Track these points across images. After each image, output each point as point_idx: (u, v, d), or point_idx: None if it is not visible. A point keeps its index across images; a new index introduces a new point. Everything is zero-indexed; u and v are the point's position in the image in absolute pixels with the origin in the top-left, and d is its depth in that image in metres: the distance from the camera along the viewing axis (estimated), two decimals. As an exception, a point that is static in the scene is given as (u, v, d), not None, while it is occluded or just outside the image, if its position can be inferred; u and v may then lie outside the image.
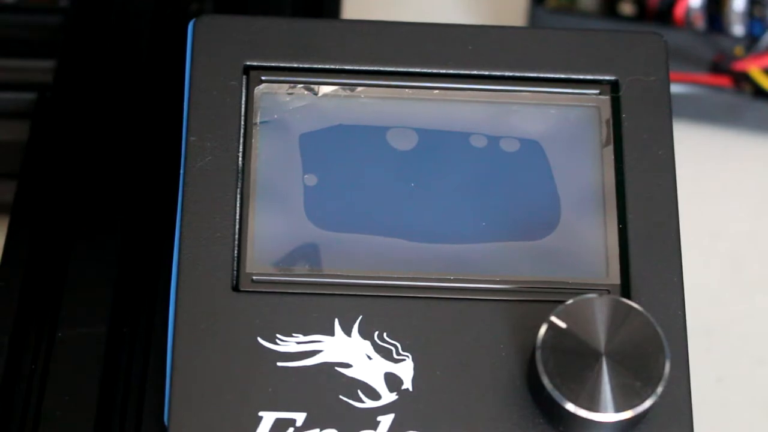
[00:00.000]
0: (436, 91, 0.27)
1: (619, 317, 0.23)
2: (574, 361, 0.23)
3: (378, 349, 0.24)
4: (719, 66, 0.36)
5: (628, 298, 0.24)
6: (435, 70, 0.27)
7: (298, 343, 0.24)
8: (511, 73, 0.27)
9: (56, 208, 0.29)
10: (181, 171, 0.26)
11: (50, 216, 0.29)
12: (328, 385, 0.23)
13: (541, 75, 0.27)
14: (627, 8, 0.39)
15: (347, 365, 0.23)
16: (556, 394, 0.22)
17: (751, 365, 0.33)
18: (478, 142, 0.27)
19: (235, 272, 0.24)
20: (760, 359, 0.33)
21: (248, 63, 0.26)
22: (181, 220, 0.25)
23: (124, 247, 0.29)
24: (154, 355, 0.28)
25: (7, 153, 0.32)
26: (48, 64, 0.32)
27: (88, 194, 0.30)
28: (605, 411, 0.23)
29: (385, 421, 0.23)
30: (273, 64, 0.27)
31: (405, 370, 0.23)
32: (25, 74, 0.32)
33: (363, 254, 0.25)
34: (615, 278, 0.25)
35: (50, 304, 0.28)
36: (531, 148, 0.27)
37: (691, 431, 0.24)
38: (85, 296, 0.28)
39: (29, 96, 0.31)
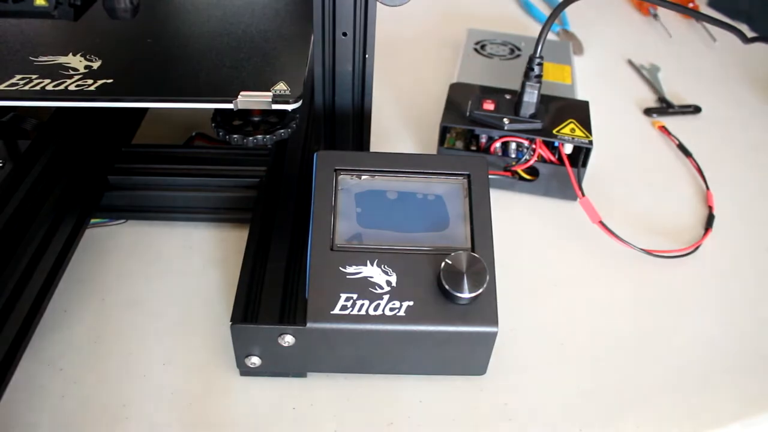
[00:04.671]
0: (404, 176, 0.41)
1: (471, 260, 0.36)
2: (457, 276, 0.36)
3: (384, 271, 0.37)
4: (507, 168, 0.54)
5: (474, 252, 0.37)
6: (402, 170, 0.40)
7: (354, 270, 0.37)
8: (428, 171, 0.41)
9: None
10: (312, 203, 0.39)
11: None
12: (365, 284, 0.36)
13: (441, 171, 0.41)
14: (476, 147, 0.53)
15: (372, 277, 0.37)
16: (448, 288, 0.35)
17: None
18: (420, 195, 0.40)
19: (331, 242, 0.38)
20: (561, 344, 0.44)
21: (336, 167, 0.41)
22: (313, 216, 0.38)
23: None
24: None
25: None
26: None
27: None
28: (464, 292, 0.35)
29: (385, 297, 0.36)
30: (344, 168, 0.41)
31: (393, 279, 0.36)
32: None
33: (378, 236, 0.38)
34: (469, 244, 0.38)
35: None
36: (438, 197, 0.40)
37: (496, 323, 0.35)
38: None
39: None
